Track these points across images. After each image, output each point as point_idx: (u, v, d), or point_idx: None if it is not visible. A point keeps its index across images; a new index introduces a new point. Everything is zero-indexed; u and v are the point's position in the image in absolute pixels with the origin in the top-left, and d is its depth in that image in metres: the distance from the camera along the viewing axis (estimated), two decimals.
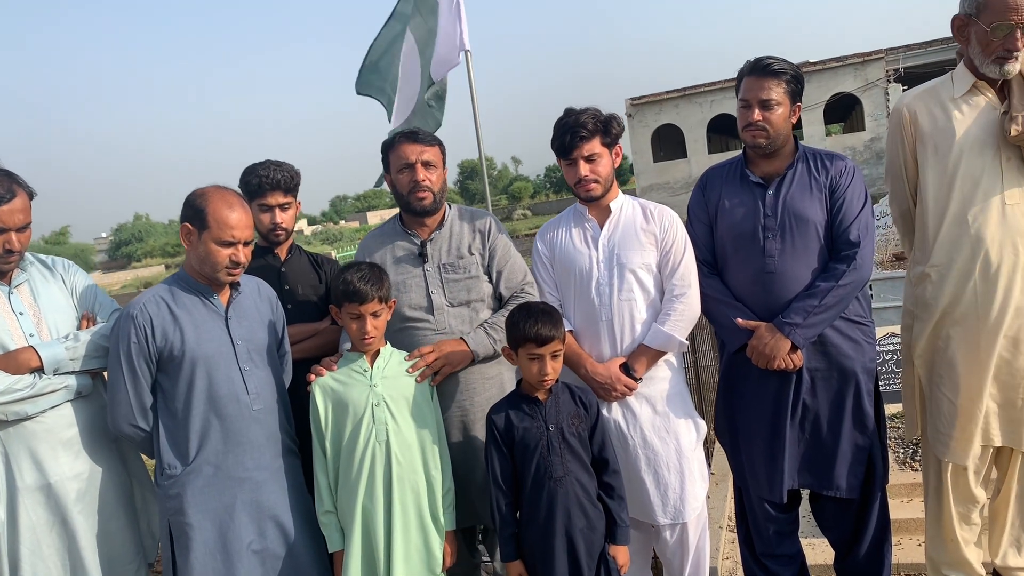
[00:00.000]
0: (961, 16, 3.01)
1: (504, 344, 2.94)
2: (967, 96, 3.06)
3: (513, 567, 2.81)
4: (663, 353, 3.21)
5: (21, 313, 2.80)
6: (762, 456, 3.26)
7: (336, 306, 2.92)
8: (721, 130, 35.03)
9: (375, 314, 2.86)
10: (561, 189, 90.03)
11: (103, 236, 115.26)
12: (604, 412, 3.16)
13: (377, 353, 2.95)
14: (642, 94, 34.10)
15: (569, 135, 3.19)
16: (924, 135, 3.12)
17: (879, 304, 7.80)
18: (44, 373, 2.73)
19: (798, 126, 31.90)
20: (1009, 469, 3.19)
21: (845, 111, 36.64)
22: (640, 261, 3.23)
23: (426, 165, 3.19)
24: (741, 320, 3.19)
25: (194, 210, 2.79)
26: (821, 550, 3.93)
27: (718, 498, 4.67)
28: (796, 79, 3.20)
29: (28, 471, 2.73)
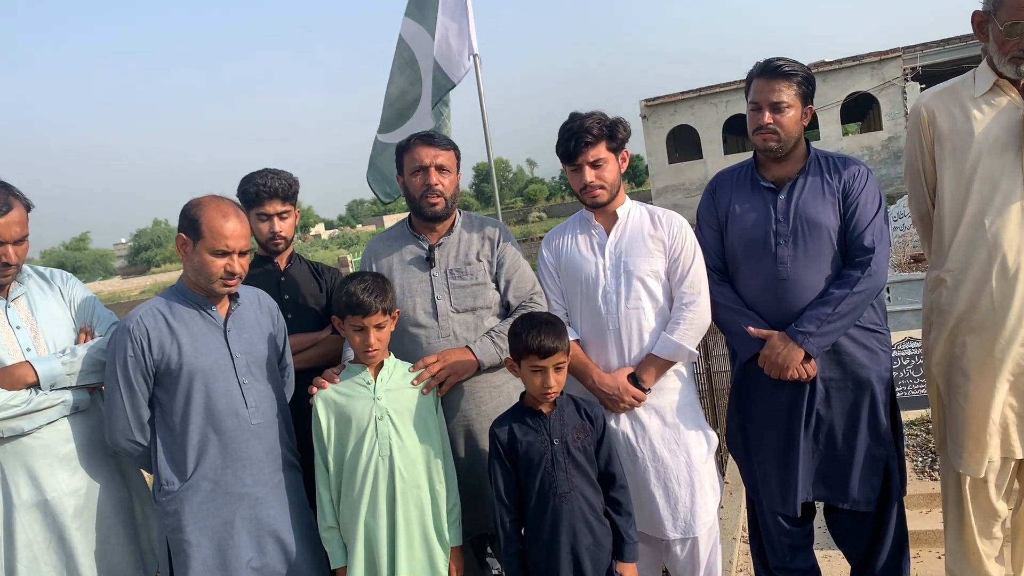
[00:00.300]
0: (981, 12, 2.92)
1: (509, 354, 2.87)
2: (988, 95, 2.96)
3: None
4: (672, 363, 3.14)
5: (18, 327, 2.76)
6: (775, 468, 3.17)
7: (339, 317, 2.86)
8: (737, 130, 34.79)
9: (379, 326, 2.81)
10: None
11: (123, 242, 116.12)
12: (612, 424, 3.10)
13: (381, 365, 2.89)
14: (657, 95, 33.96)
15: (574, 140, 3.12)
16: (942, 135, 3.03)
17: (896, 307, 7.69)
18: (40, 388, 2.69)
19: (814, 126, 31.65)
20: None
21: (862, 111, 36.32)
22: (648, 268, 3.15)
23: (440, 169, 3.14)
24: (753, 329, 3.11)
25: (189, 220, 2.74)
26: (837, 563, 3.85)
27: (732, 508, 4.58)
28: (807, 80, 3.11)
29: (25, 487, 2.69)
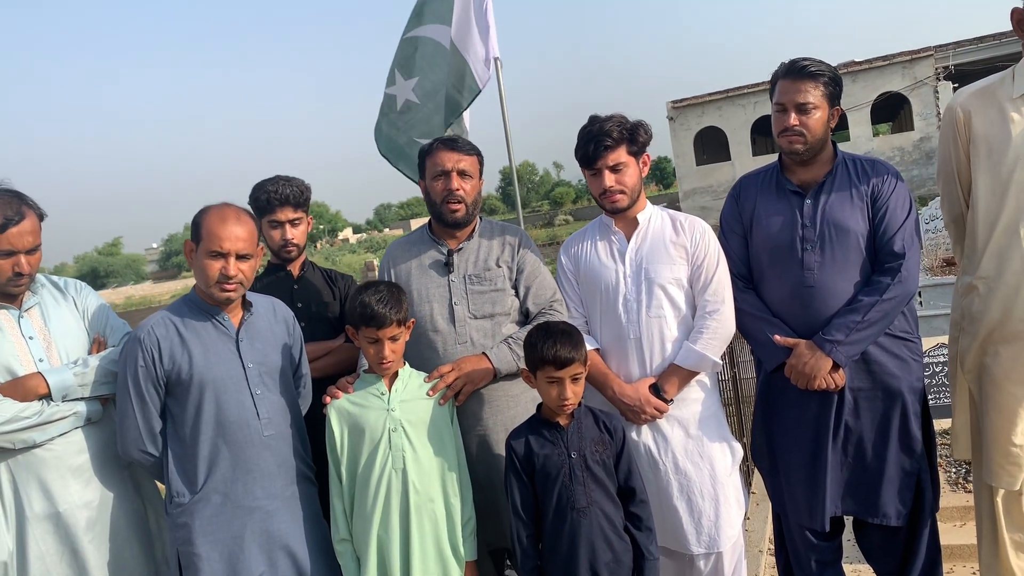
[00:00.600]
0: (1021, 9, 2.80)
1: None
2: None
3: None
4: (695, 373, 3.06)
5: (31, 338, 2.74)
6: (802, 481, 3.08)
7: (353, 327, 2.81)
8: (766, 132, 34.44)
9: (393, 338, 2.75)
10: None
11: (154, 247, 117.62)
12: (633, 436, 3.02)
13: (396, 375, 2.83)
14: (684, 96, 33.74)
15: (593, 144, 3.05)
16: (977, 137, 2.92)
17: (928, 312, 7.52)
18: (52, 400, 2.66)
19: (843, 127, 31.29)
20: None
21: (893, 111, 35.81)
22: (670, 276, 3.07)
23: (462, 175, 3.09)
24: (779, 337, 3.02)
25: (194, 225, 2.73)
26: None
27: (759, 520, 4.47)
28: (834, 81, 3.02)
29: (37, 500, 2.66)
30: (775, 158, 3.21)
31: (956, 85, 28.42)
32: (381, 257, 3.35)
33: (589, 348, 2.90)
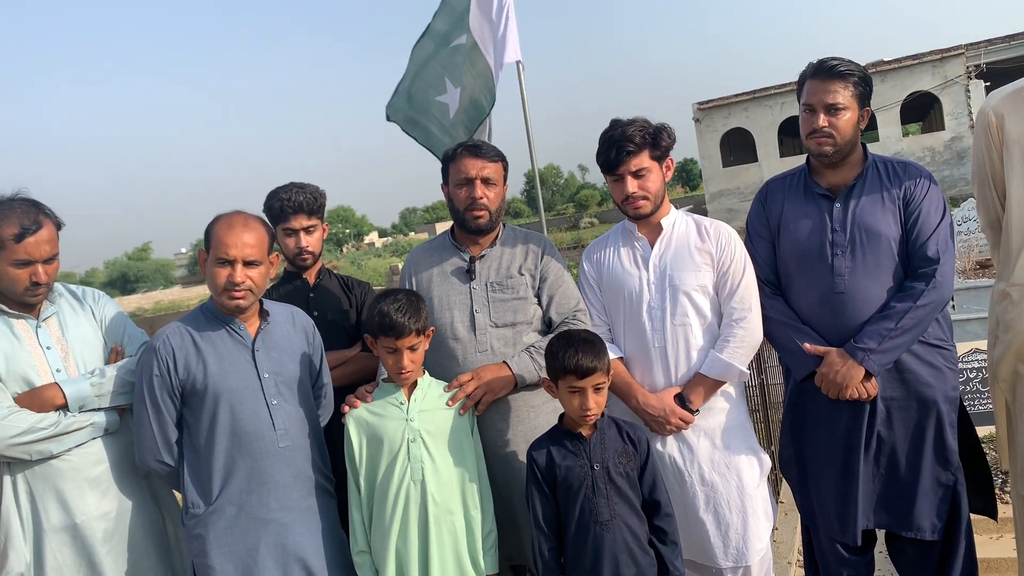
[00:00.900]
0: None
1: None
2: None
3: None
4: (721, 383, 2.98)
5: (48, 347, 2.72)
6: (833, 494, 3.00)
7: (371, 336, 2.77)
8: (793, 133, 34.08)
9: (412, 348, 2.71)
10: None
11: (183, 251, 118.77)
12: (659, 447, 2.95)
13: (415, 384, 2.79)
14: (710, 97, 33.50)
15: (615, 149, 2.98)
16: (1011, 141, 2.83)
17: (961, 316, 7.35)
18: (69, 410, 2.65)
19: (873, 127, 30.92)
20: None
21: (923, 111, 35.32)
22: (695, 282, 3.00)
23: (486, 182, 3.04)
24: (809, 345, 2.94)
25: (205, 234, 2.71)
26: None
27: (787, 530, 4.37)
28: (864, 81, 2.94)
29: (54, 511, 2.64)
30: (804, 159, 3.13)
31: (988, 84, 27.95)
32: (404, 264, 3.31)
33: (612, 357, 2.83)
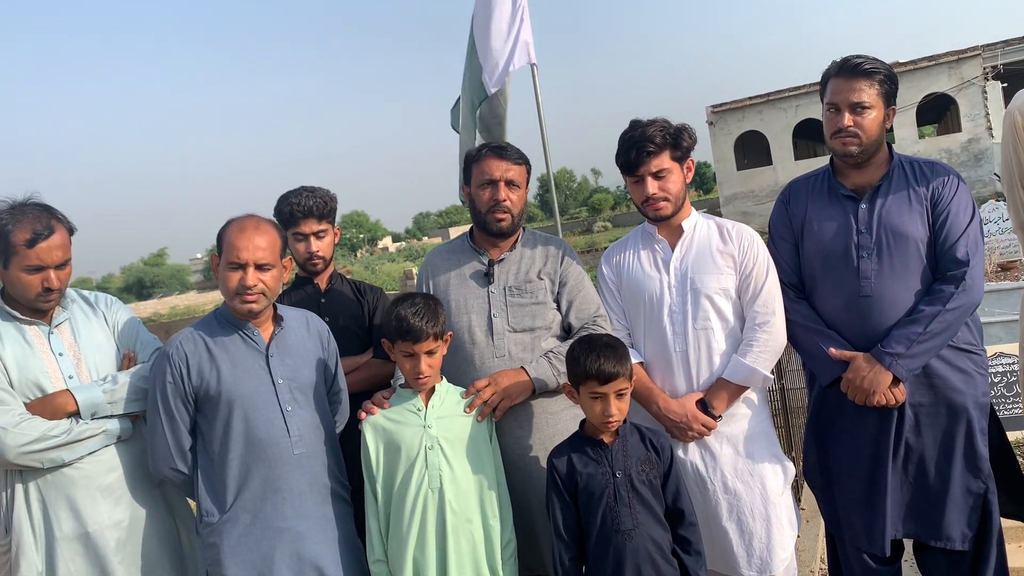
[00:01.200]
0: None
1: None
2: None
3: None
4: (745, 388, 2.92)
5: (61, 354, 2.69)
6: (860, 502, 2.93)
7: (389, 341, 2.72)
8: (807, 136, 33.94)
9: (430, 352, 2.66)
10: None
11: (198, 257, 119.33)
12: (680, 454, 2.89)
13: (433, 390, 2.74)
14: (724, 100, 33.35)
15: (635, 150, 2.93)
16: None
17: (984, 319, 7.25)
18: (81, 417, 2.61)
19: (887, 129, 30.95)
20: None
21: (939, 112, 35.05)
22: (717, 286, 2.94)
23: (509, 184, 2.98)
24: (835, 350, 2.86)
25: (218, 239, 2.68)
26: None
27: (809, 538, 4.29)
28: (890, 79, 2.87)
29: (66, 520, 2.61)
30: (818, 162, 3.07)
31: (1005, 85, 27.72)
32: (420, 266, 3.26)
33: (633, 362, 2.77)
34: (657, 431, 2.71)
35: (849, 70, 2.84)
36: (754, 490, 2.90)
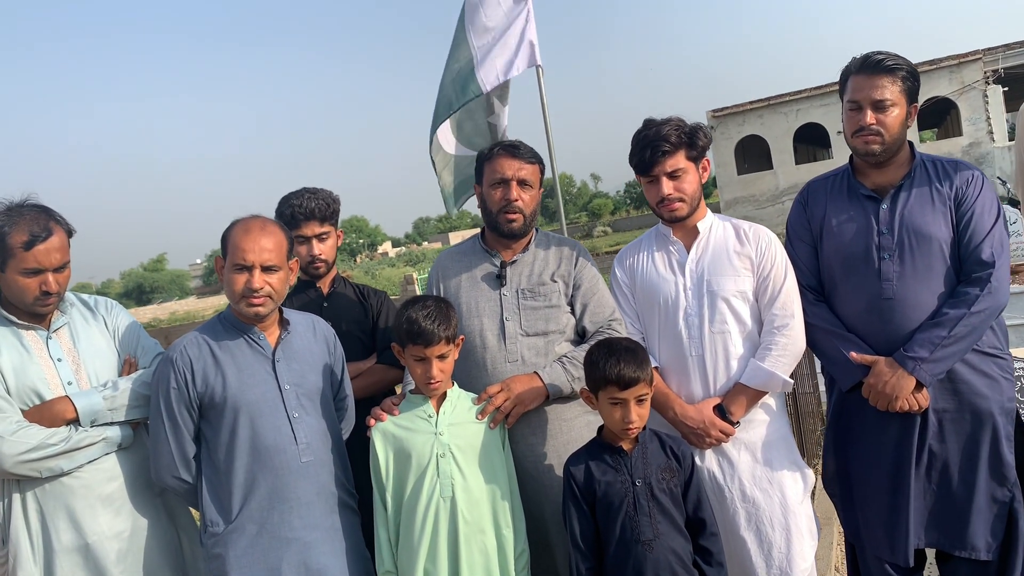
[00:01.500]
0: None
1: (585, 383, 2.61)
2: None
3: None
4: (763, 393, 2.85)
5: (59, 359, 2.61)
6: (882, 511, 2.86)
7: (399, 345, 2.64)
8: (808, 140, 33.92)
9: (442, 356, 2.58)
10: (642, 205, 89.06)
11: (198, 262, 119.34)
12: (697, 461, 2.80)
13: (444, 396, 2.66)
14: (724, 105, 33.35)
15: (650, 149, 2.85)
16: None
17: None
18: (81, 425, 2.53)
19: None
20: None
21: (939, 116, 35.01)
22: (734, 288, 2.87)
23: (522, 184, 2.91)
24: (856, 354, 2.79)
25: (222, 240, 2.61)
26: None
27: (823, 545, 4.20)
28: (912, 76, 2.81)
29: (65, 531, 2.53)
30: (818, 167, 3.01)
31: (1006, 89, 27.71)
32: (420, 270, 3.18)
33: None
34: (677, 437, 2.64)
35: (871, 67, 2.77)
36: (773, 499, 2.82)
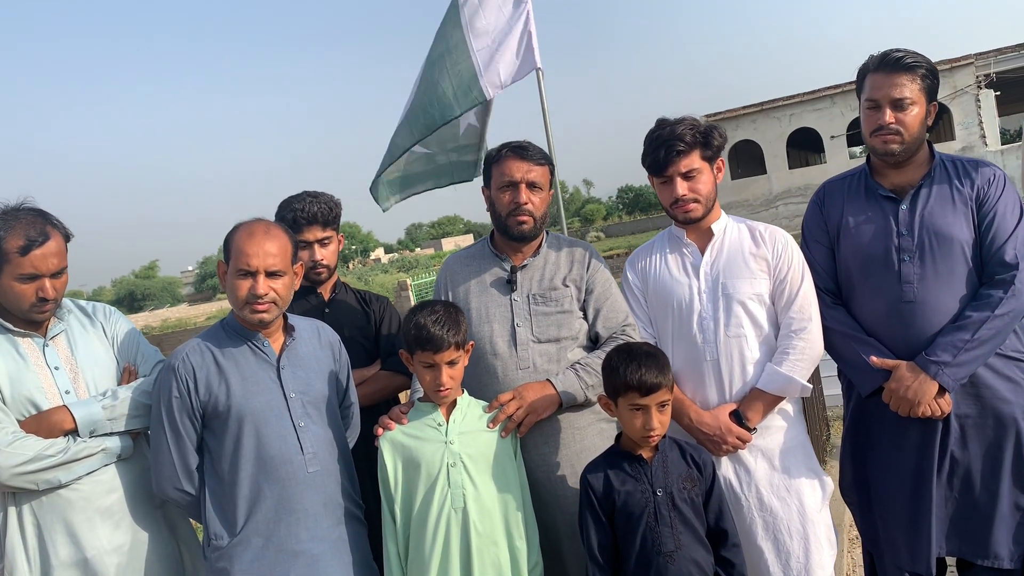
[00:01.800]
0: None
1: (599, 391, 2.53)
2: None
3: None
4: (780, 399, 2.77)
5: (56, 368, 2.52)
6: (902, 519, 2.78)
7: (407, 352, 2.56)
8: (801, 145, 33.94)
9: (451, 363, 2.51)
10: (634, 210, 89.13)
11: (189, 269, 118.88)
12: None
13: (454, 404, 2.58)
14: (717, 110, 33.35)
15: (664, 149, 2.79)
16: None
17: None
18: (79, 435, 2.45)
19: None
20: None
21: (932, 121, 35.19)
22: (750, 291, 2.80)
23: (531, 186, 2.84)
24: (876, 359, 2.72)
25: (225, 245, 2.53)
26: None
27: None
28: (932, 74, 2.76)
29: (63, 545, 2.44)
30: (812, 171, 2.94)
31: (998, 93, 27.78)
32: (413, 276, 3.10)
33: None
34: (697, 446, 2.57)
35: (890, 64, 2.72)
36: (791, 507, 2.75)
